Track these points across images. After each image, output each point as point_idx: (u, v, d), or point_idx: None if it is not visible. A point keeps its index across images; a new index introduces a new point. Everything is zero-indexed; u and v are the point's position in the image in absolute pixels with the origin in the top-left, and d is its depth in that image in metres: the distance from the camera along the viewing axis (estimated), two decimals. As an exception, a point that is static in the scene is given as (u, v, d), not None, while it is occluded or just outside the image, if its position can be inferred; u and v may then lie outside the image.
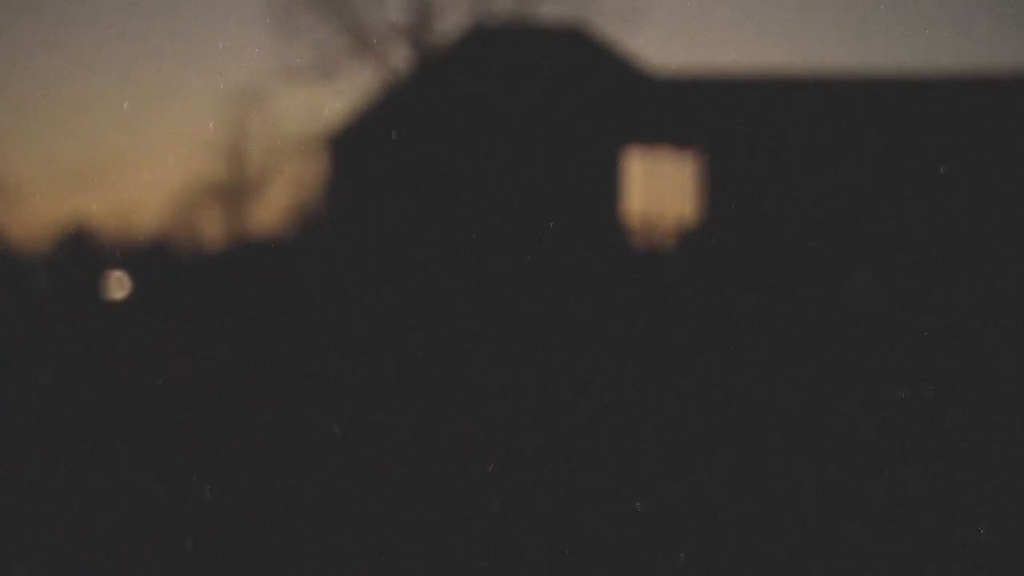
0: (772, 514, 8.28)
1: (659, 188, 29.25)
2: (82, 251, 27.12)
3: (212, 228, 33.24)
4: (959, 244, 26.95)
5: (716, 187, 28.93)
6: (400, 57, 36.40)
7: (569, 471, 9.64)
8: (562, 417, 12.55)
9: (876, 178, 27.94)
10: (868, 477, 9.75)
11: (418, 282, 25.37)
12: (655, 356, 18.39)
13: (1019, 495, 9.07)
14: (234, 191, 35.56)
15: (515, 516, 7.88)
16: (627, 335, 20.58)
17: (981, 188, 27.35)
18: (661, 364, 17.49)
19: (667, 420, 12.46)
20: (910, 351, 18.51)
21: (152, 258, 29.44)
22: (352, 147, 30.58)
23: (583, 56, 30.43)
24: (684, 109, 29.38)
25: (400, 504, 8.03)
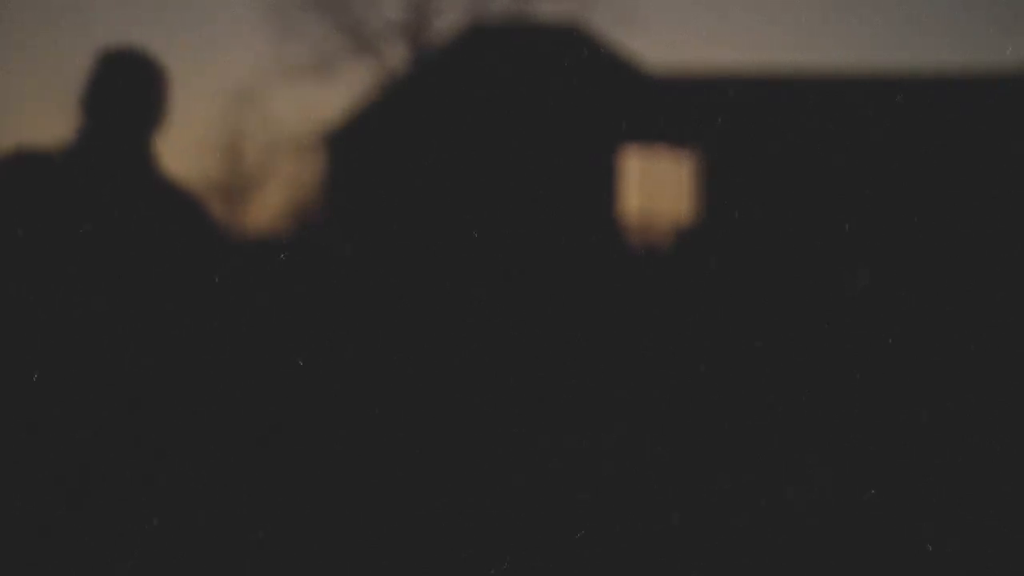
0: (770, 515, 8.30)
1: (656, 187, 29.28)
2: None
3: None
4: (958, 243, 26.99)
5: (713, 186, 28.97)
6: (398, 56, 36.43)
7: (568, 471, 9.65)
8: (559, 417, 12.56)
9: (874, 176, 27.98)
10: (868, 477, 9.77)
11: (415, 280, 25.38)
12: (652, 355, 18.41)
13: (1019, 495, 9.09)
14: (231, 189, 35.56)
15: (513, 518, 7.90)
16: (624, 334, 20.60)
17: (980, 187, 27.40)
18: (658, 363, 17.51)
19: (665, 419, 12.47)
20: (909, 350, 18.54)
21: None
22: (350, 145, 30.61)
23: (580, 55, 30.46)
24: (681, 108, 29.41)
25: (397, 504, 8.04)
